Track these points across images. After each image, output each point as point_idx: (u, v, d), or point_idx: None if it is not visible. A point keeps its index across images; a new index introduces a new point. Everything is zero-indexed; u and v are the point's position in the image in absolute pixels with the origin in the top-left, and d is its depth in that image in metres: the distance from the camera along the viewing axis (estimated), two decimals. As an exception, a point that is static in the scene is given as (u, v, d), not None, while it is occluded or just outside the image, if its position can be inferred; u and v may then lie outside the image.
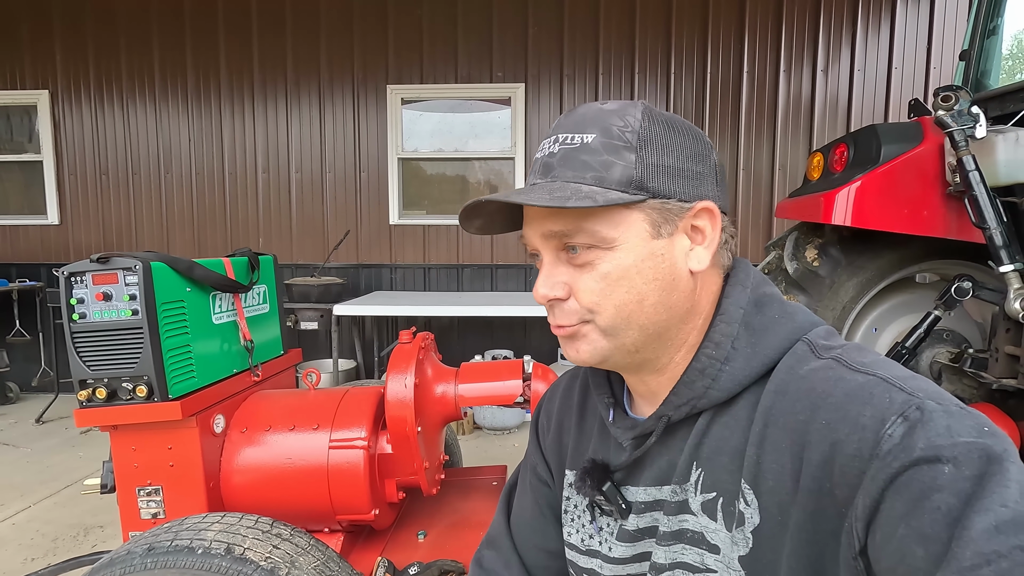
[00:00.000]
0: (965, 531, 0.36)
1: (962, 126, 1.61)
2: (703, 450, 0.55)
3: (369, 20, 4.19)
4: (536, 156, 0.58)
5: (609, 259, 0.53)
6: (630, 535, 0.61)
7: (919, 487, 0.39)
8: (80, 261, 1.23)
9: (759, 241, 4.17)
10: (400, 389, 1.36)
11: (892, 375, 0.46)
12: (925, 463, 0.39)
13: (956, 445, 0.39)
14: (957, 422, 0.41)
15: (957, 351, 1.95)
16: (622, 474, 0.62)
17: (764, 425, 0.50)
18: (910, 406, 0.42)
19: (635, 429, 0.60)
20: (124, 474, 1.31)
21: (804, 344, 0.53)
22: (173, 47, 4.28)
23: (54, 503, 2.63)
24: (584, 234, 0.53)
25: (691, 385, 0.55)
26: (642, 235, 0.54)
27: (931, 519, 0.37)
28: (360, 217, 4.35)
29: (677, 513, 0.56)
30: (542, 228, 0.56)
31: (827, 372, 0.49)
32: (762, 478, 0.49)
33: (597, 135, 0.53)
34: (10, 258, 4.48)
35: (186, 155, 4.39)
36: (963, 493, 0.37)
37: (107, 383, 1.24)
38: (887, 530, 0.40)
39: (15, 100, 4.42)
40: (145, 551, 0.97)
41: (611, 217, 0.53)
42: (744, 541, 0.50)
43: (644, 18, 4.10)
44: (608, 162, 0.52)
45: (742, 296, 0.57)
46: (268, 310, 1.74)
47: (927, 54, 4.05)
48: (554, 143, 0.55)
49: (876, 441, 0.42)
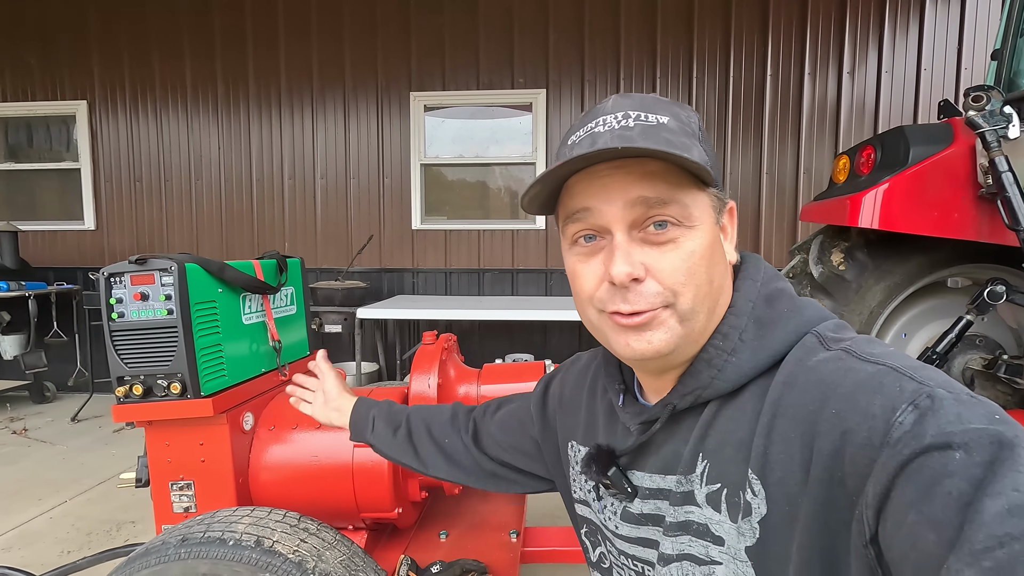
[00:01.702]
0: (977, 515, 0.35)
1: (994, 126, 1.58)
2: (709, 441, 0.55)
3: (392, 29, 4.27)
4: (592, 130, 0.54)
5: (693, 237, 0.53)
6: (634, 518, 0.62)
7: (930, 473, 0.38)
8: (119, 262, 1.28)
9: (783, 245, 4.11)
10: (424, 389, 1.38)
11: (902, 365, 0.46)
12: (936, 450, 0.39)
13: (967, 431, 0.39)
14: (968, 409, 0.40)
15: (991, 357, 1.90)
16: (628, 458, 0.64)
17: (772, 416, 0.51)
18: (921, 394, 0.42)
19: (643, 415, 0.61)
20: (158, 469, 1.35)
21: (813, 336, 0.53)
22: (203, 58, 4.42)
23: (88, 499, 2.71)
24: (677, 206, 0.52)
25: (697, 375, 0.56)
26: (712, 220, 0.55)
27: (942, 504, 0.37)
28: (383, 222, 4.42)
29: (683, 504, 0.57)
30: (629, 195, 0.52)
31: (837, 363, 0.49)
32: (770, 468, 0.49)
33: (671, 119, 0.54)
34: (48, 262, 4.65)
35: (216, 162, 4.52)
36: (974, 478, 0.37)
37: (143, 380, 1.28)
38: (898, 517, 0.39)
39: (55, 110, 4.60)
40: (179, 542, 1.00)
41: (695, 196, 0.54)
42: (751, 531, 0.51)
43: (665, 22, 4.10)
44: (687, 144, 0.52)
45: (752, 290, 0.58)
46: (295, 311, 1.78)
47: (958, 54, 3.96)
48: (624, 118, 0.53)
49: (887, 429, 0.42)
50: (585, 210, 0.54)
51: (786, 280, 0.61)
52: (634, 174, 0.52)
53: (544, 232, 4.29)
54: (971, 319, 1.77)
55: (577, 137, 0.55)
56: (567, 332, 4.31)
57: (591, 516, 0.71)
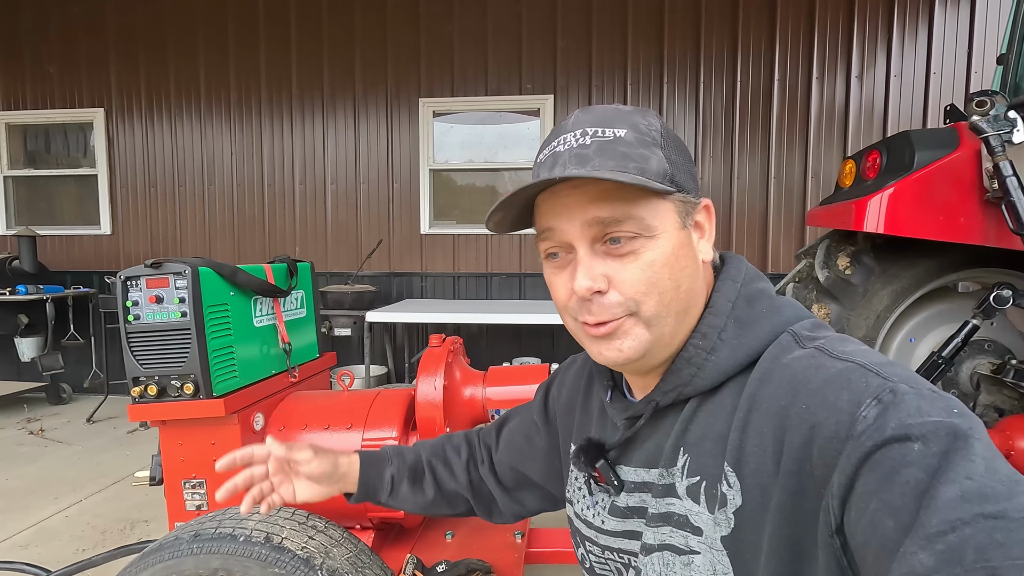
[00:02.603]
0: (932, 501, 0.37)
1: (998, 131, 1.58)
2: (689, 436, 0.58)
3: (402, 35, 4.32)
4: (555, 149, 0.57)
5: (652, 247, 0.55)
6: (620, 511, 0.65)
7: (890, 464, 0.40)
8: (135, 266, 1.32)
9: (791, 250, 4.10)
10: (430, 391, 1.40)
11: (870, 361, 0.48)
12: (896, 441, 0.41)
13: (925, 424, 0.41)
14: (928, 403, 0.42)
15: (999, 362, 1.88)
16: (616, 453, 0.66)
17: (748, 411, 0.53)
18: (884, 389, 0.44)
19: (628, 411, 0.64)
20: (171, 467, 1.38)
21: (789, 335, 0.55)
22: (217, 65, 4.50)
23: (103, 498, 2.77)
24: (633, 221, 0.54)
25: (678, 373, 0.58)
26: (675, 225, 0.57)
27: (900, 492, 0.39)
28: (392, 227, 4.46)
29: (664, 496, 0.59)
30: (586, 216, 0.54)
31: (809, 360, 0.51)
32: (744, 461, 0.52)
33: (628, 130, 0.56)
34: (65, 266, 4.74)
35: (228, 167, 4.59)
36: (931, 468, 0.39)
37: (158, 380, 1.32)
38: (860, 506, 0.41)
39: (73, 118, 4.71)
40: (191, 537, 1.03)
41: (653, 207, 0.55)
42: (726, 522, 0.53)
43: (672, 27, 4.11)
44: (644, 155, 0.55)
45: (732, 290, 0.60)
46: (305, 314, 1.81)
47: (967, 58, 3.94)
48: (582, 136, 0.56)
49: (851, 422, 0.44)
50: (549, 230, 0.58)
51: (767, 280, 0.63)
52: (589, 194, 0.54)
53: (552, 236, 4.31)
54: (978, 323, 1.76)
55: (543, 156, 0.58)
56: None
57: (572, 516, 0.73)
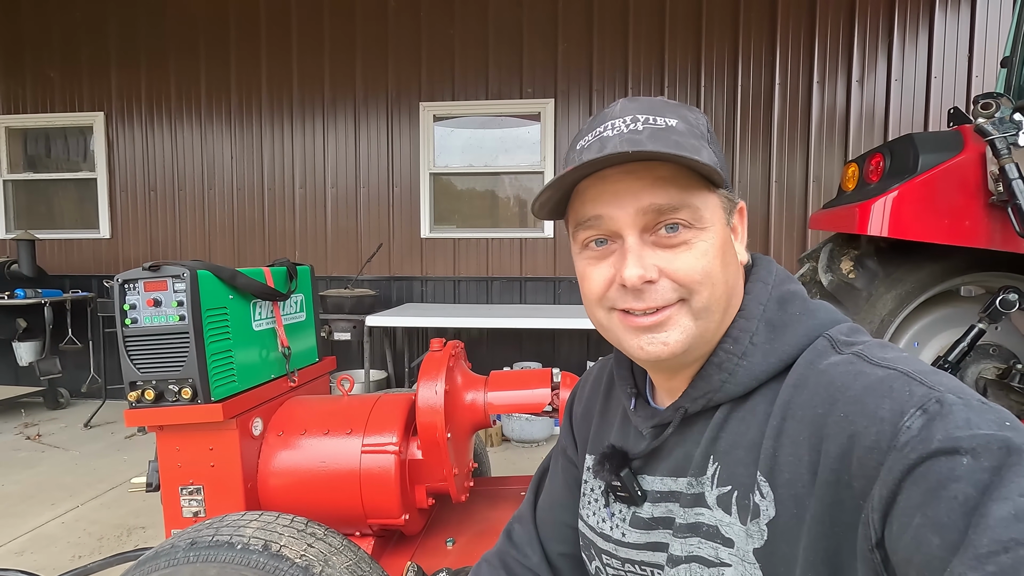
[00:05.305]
0: (983, 519, 0.35)
1: (1004, 134, 1.57)
2: (720, 444, 0.55)
3: (403, 39, 4.32)
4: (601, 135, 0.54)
5: (705, 238, 0.53)
6: (644, 523, 0.62)
7: (936, 477, 0.38)
8: (133, 269, 1.31)
9: (793, 253, 4.09)
10: (431, 396, 1.39)
11: (914, 369, 0.45)
12: (943, 454, 0.39)
13: (975, 437, 0.38)
14: (977, 415, 0.40)
15: (1004, 367, 1.87)
16: (640, 462, 0.63)
17: (782, 419, 0.51)
18: (930, 399, 0.42)
19: (655, 419, 0.61)
20: (168, 473, 1.37)
21: (825, 340, 0.53)
22: (218, 69, 4.50)
23: (100, 504, 2.74)
24: (688, 210, 0.52)
25: (708, 379, 0.56)
26: (723, 221, 0.56)
27: (948, 508, 0.37)
28: (392, 231, 4.45)
29: (693, 506, 0.56)
30: (640, 203, 0.52)
31: (847, 366, 0.49)
32: (778, 471, 0.49)
33: (679, 121, 0.54)
34: (64, 270, 4.72)
35: (228, 171, 4.58)
36: (981, 483, 0.37)
37: (155, 385, 1.30)
38: (903, 520, 0.39)
39: (74, 122, 4.70)
40: (188, 545, 1.01)
41: (705, 198, 0.54)
42: (759, 534, 0.50)
43: (673, 31, 4.12)
44: (696, 146, 0.53)
45: (763, 293, 0.58)
46: (304, 318, 1.80)
47: (968, 62, 3.94)
48: (633, 122, 0.53)
49: (894, 433, 0.42)
50: (597, 217, 0.55)
51: (798, 282, 0.60)
52: (645, 180, 0.52)
53: (552, 240, 4.30)
54: (983, 328, 1.74)
55: (586, 142, 0.55)
56: (575, 340, 4.31)
57: (585, 529, 0.70)
